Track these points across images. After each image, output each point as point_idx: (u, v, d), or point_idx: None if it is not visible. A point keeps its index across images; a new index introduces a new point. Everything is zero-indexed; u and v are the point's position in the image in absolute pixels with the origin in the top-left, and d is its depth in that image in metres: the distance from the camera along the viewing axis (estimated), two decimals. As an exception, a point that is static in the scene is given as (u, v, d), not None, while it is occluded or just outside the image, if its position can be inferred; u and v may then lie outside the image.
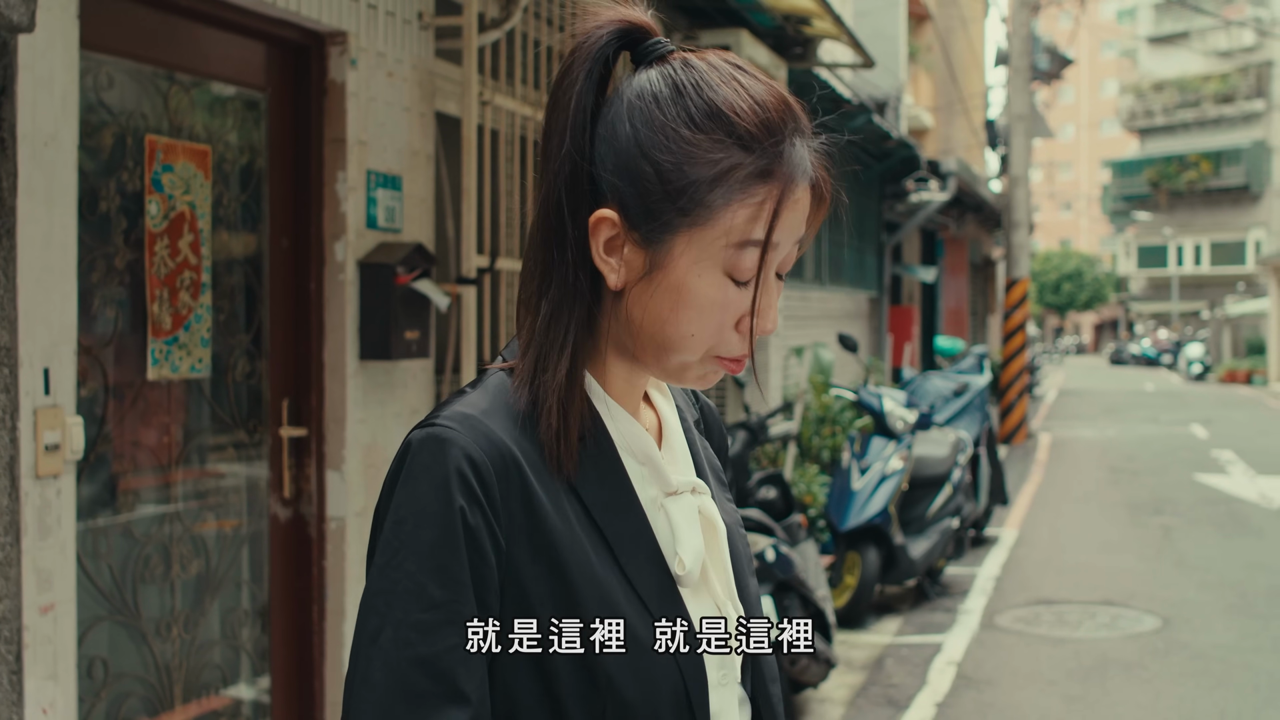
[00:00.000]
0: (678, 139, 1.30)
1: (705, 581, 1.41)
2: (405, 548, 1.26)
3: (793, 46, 9.34)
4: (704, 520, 1.43)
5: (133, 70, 4.08)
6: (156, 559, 4.18)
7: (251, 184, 4.61)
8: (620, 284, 1.34)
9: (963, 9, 28.44)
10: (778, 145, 1.31)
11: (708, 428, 1.62)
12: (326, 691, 4.80)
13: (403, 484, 1.28)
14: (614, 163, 1.32)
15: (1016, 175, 20.52)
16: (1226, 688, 6.94)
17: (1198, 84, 52.98)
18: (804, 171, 1.33)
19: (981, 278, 33.89)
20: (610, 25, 1.35)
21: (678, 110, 1.31)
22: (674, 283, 1.32)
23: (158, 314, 4.10)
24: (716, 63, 1.34)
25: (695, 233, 1.30)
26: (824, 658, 6.05)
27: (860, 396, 9.26)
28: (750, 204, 1.30)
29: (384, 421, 4.95)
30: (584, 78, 1.33)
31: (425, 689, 1.23)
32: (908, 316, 19.51)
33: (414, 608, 1.24)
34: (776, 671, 1.52)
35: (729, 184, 1.29)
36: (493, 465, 1.27)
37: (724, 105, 1.30)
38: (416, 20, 5.13)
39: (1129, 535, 11.80)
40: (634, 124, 1.31)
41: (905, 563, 8.58)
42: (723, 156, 1.29)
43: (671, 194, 1.29)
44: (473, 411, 1.31)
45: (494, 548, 1.27)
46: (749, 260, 1.31)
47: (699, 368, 1.37)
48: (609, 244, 1.33)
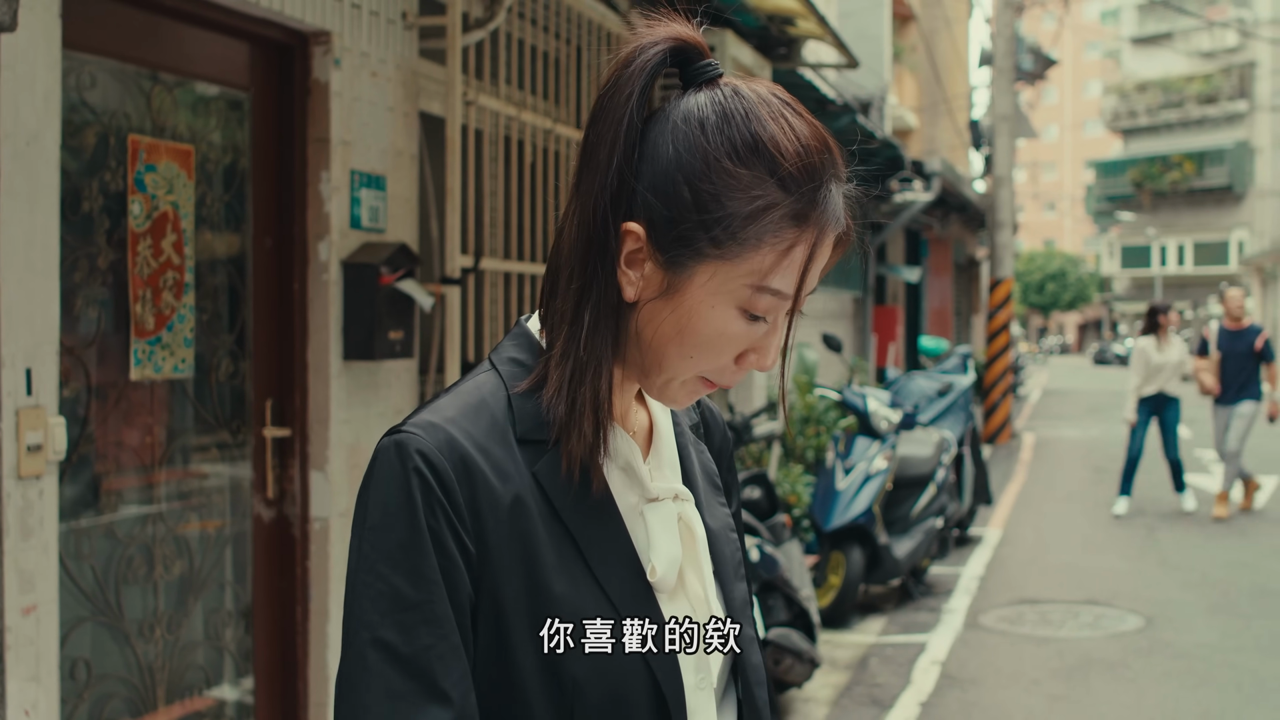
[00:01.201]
0: (719, 169, 1.29)
1: (682, 589, 1.41)
2: (376, 551, 1.27)
3: (777, 47, 9.35)
4: (683, 528, 1.43)
5: (115, 70, 4.06)
6: (139, 560, 4.17)
7: (235, 184, 4.60)
8: (635, 297, 1.34)
9: (947, 10, 28.49)
10: (816, 190, 1.31)
11: (708, 429, 1.62)
12: (310, 692, 4.79)
13: (370, 489, 1.30)
14: (650, 180, 1.31)
15: (1000, 175, 20.56)
16: (1209, 687, 6.96)
17: (1181, 84, 53.16)
18: (836, 221, 1.34)
19: (966, 278, 33.97)
20: (665, 42, 1.34)
21: (722, 139, 1.30)
22: (689, 309, 1.32)
23: (140, 314, 4.09)
24: (767, 96, 1.33)
25: (721, 265, 1.30)
26: (808, 657, 6.05)
27: (844, 396, 9.28)
28: (780, 248, 1.30)
29: (368, 422, 4.94)
30: (638, 93, 1.31)
31: (405, 689, 1.24)
32: (892, 316, 19.56)
33: (390, 609, 1.26)
34: (763, 675, 1.52)
35: (763, 222, 1.29)
36: (453, 469, 1.28)
37: (769, 142, 1.30)
38: (400, 20, 5.12)
39: (1112, 535, 11.83)
40: (676, 146, 1.31)
41: (889, 562, 8.60)
42: (761, 194, 1.29)
43: (706, 223, 1.29)
44: (437, 419, 1.32)
45: (460, 551, 1.28)
46: (766, 302, 1.32)
47: (683, 387, 1.38)
48: (630, 257, 1.33)
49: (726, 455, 1.63)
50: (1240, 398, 12.84)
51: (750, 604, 1.54)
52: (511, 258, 6.03)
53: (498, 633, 1.30)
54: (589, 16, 6.64)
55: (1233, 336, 12.93)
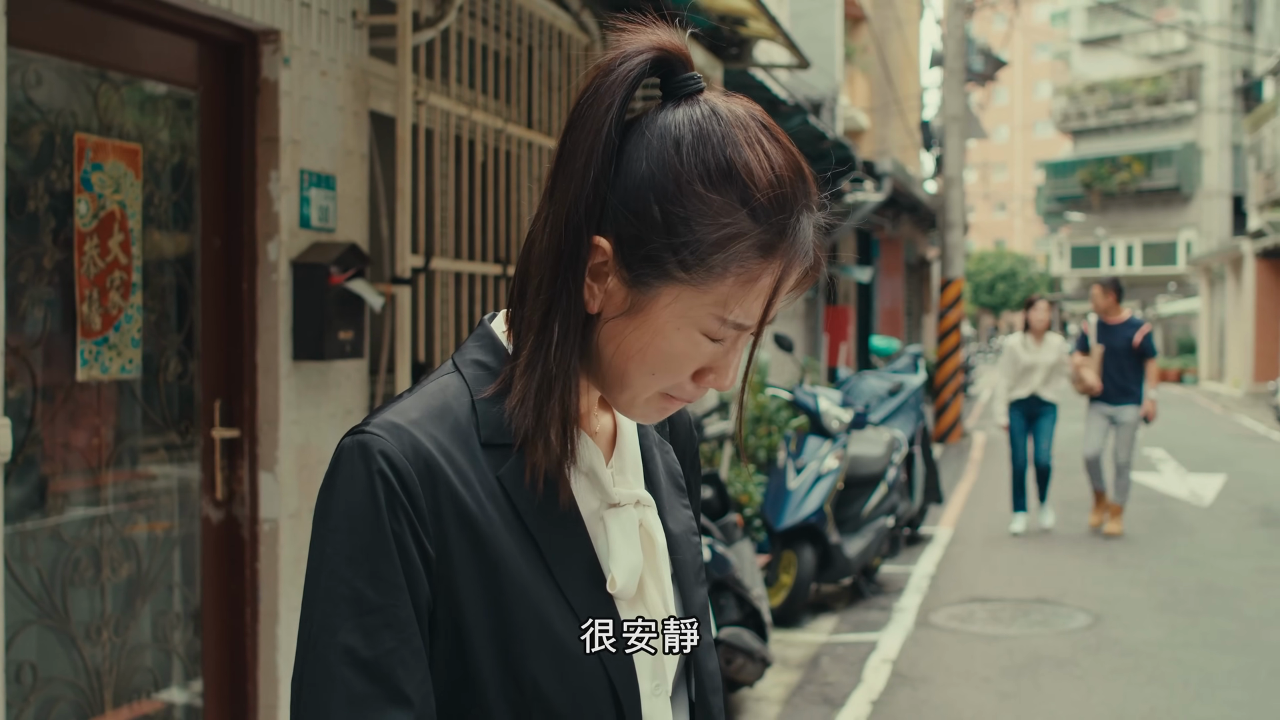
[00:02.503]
0: (691, 192, 1.28)
1: (641, 597, 1.41)
2: (338, 553, 1.26)
3: (729, 47, 9.37)
4: (644, 534, 1.42)
5: (62, 68, 4.03)
6: (86, 562, 4.13)
7: (183, 183, 4.57)
8: (595, 310, 1.33)
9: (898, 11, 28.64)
10: (786, 221, 1.30)
11: (673, 426, 1.61)
12: (259, 695, 4.76)
13: (332, 491, 1.29)
14: (622, 195, 1.30)
15: (951, 176, 20.67)
16: (1157, 683, 7.03)
17: (1129, 86, 53.58)
18: (805, 255, 1.33)
19: (917, 278, 34.15)
20: (649, 51, 1.32)
21: (696, 161, 1.28)
22: (652, 329, 1.32)
23: (87, 314, 4.06)
24: (745, 119, 1.31)
25: (686, 290, 1.29)
26: (760, 656, 6.07)
27: (796, 396, 9.31)
28: (745, 278, 1.29)
29: (318, 422, 4.92)
30: (618, 104, 1.30)
31: (367, 692, 1.24)
32: (843, 316, 19.64)
33: (351, 612, 1.25)
34: (719, 682, 1.52)
35: (731, 251, 1.28)
36: (416, 473, 1.28)
37: (743, 169, 1.28)
38: (350, 19, 5.10)
39: (1062, 533, 11.93)
40: (650, 163, 1.29)
41: (841, 561, 8.63)
42: (730, 222, 1.28)
43: (674, 246, 1.28)
44: (400, 419, 1.31)
45: (421, 554, 1.28)
46: (728, 331, 1.32)
47: (646, 404, 1.38)
48: (595, 270, 1.32)
49: (691, 453, 1.63)
50: (1122, 400, 11.74)
51: (708, 609, 1.54)
52: (462, 258, 6.02)
53: (458, 636, 1.29)
54: (540, 16, 6.63)
55: (1110, 330, 11.82)
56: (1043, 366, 11.87)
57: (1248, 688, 6.94)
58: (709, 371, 1.35)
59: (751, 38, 9.39)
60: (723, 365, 1.35)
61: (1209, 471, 16.63)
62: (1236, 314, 37.06)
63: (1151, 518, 12.80)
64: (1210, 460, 17.97)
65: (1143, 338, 11.66)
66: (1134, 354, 11.68)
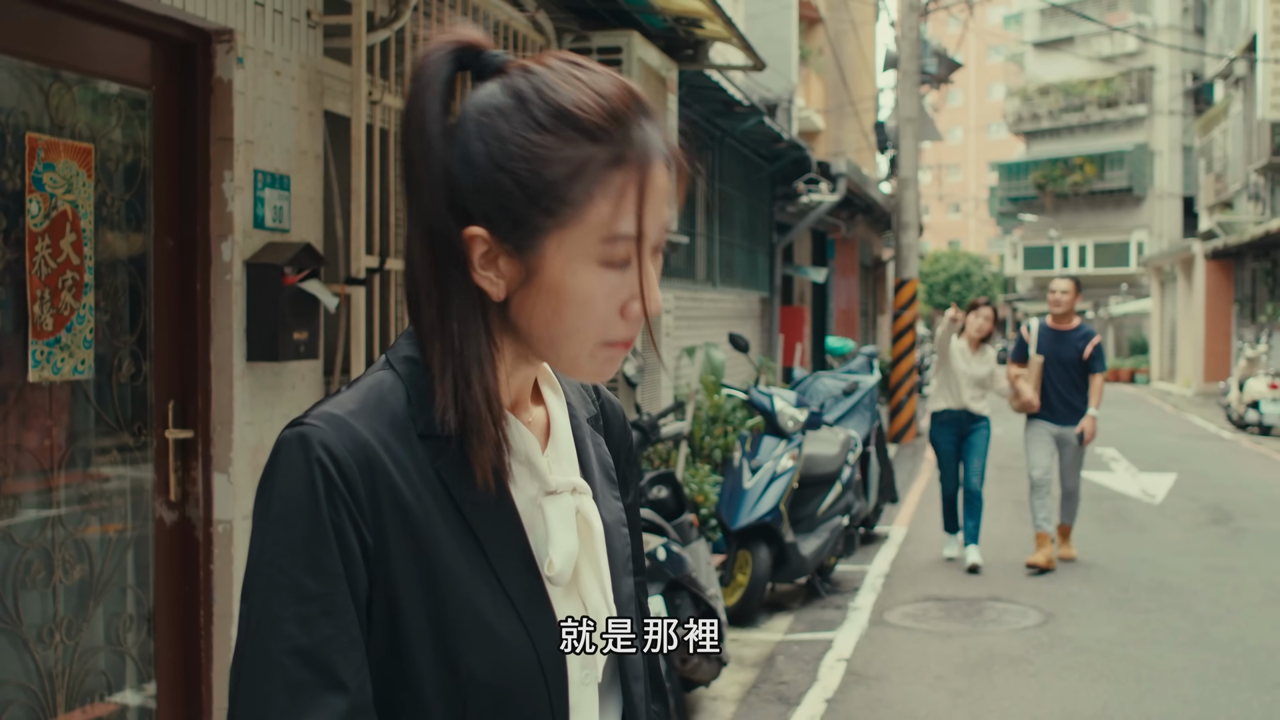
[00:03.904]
0: (528, 144, 1.32)
1: (576, 582, 1.43)
2: (278, 543, 1.28)
3: (684, 48, 9.39)
4: (580, 521, 1.45)
5: (13, 67, 4.00)
6: (38, 564, 4.10)
7: (136, 183, 4.55)
8: (502, 295, 1.36)
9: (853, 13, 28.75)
10: (626, 131, 1.33)
11: (607, 423, 1.63)
12: (214, 696, 4.74)
13: (272, 482, 1.31)
14: (474, 182, 1.33)
15: (905, 177, 20.77)
16: (1108, 680, 7.10)
17: (1082, 88, 53.98)
18: (658, 150, 1.36)
19: (872, 278, 34.29)
20: (445, 47, 1.38)
21: (523, 118, 1.32)
22: (552, 285, 1.34)
23: (39, 315, 4.03)
24: (554, 64, 1.36)
25: (564, 233, 1.33)
26: (715, 656, 6.09)
27: (751, 396, 9.34)
28: (611, 195, 1.32)
29: (272, 423, 4.90)
30: (437, 104, 1.34)
31: (304, 679, 1.25)
32: (799, 317, 19.69)
33: (290, 601, 1.27)
34: (641, 671, 1.54)
35: (586, 178, 1.31)
36: (356, 463, 1.30)
37: (567, 103, 1.32)
38: (305, 19, 5.09)
39: (1015, 532, 12.00)
40: (484, 140, 1.33)
41: (796, 560, 8.67)
42: (574, 153, 1.32)
43: (533, 198, 1.32)
44: (339, 411, 1.33)
45: (360, 543, 1.30)
46: (622, 250, 1.34)
47: (590, 359, 1.39)
48: (484, 259, 1.35)
49: (625, 448, 1.65)
50: (1071, 419, 10.34)
51: (635, 599, 1.56)
52: (418, 258, 6.00)
53: (394, 625, 1.32)
54: (496, 17, 6.63)
55: (1057, 338, 10.43)
56: (972, 379, 10.62)
57: (1199, 684, 7.02)
58: (631, 301, 1.37)
59: (707, 39, 9.41)
60: (638, 290, 1.37)
61: (1160, 470, 16.79)
62: (1187, 314, 37.43)
63: (1103, 516, 12.91)
64: (1161, 459, 18.15)
65: (1093, 349, 10.34)
66: (1082, 366, 10.33)
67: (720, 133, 14.62)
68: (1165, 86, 49.36)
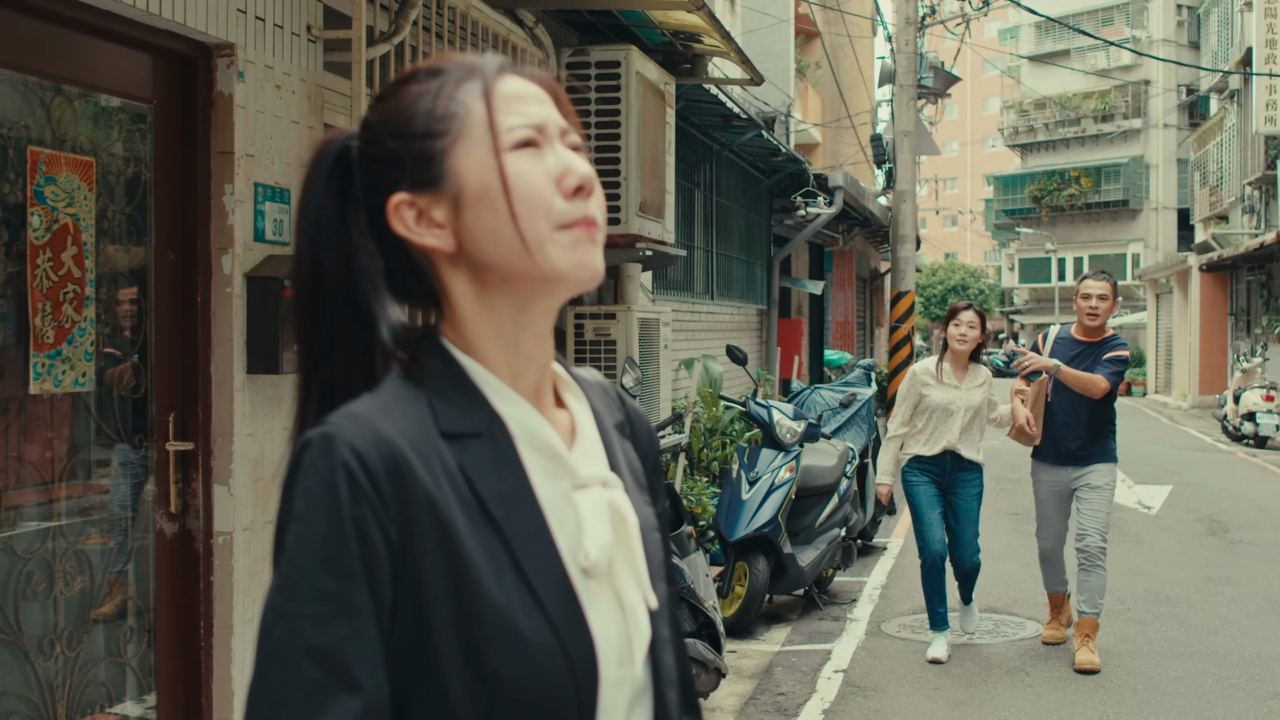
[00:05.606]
0: (394, 108, 1.43)
1: (611, 574, 1.42)
2: (298, 542, 1.29)
3: (682, 62, 9.42)
4: (614, 513, 1.44)
5: (15, 81, 4.02)
6: (39, 575, 4.12)
7: (137, 196, 4.57)
8: (453, 242, 1.41)
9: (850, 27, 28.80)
10: (466, 61, 1.45)
11: (634, 432, 1.63)
12: (214, 708, 4.75)
13: (294, 481, 1.31)
14: (374, 179, 1.43)
15: (903, 190, 20.78)
16: (1105, 691, 7.11)
17: (1077, 102, 54.13)
18: (500, 66, 1.45)
19: (869, 291, 34.33)
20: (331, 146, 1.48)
21: (383, 104, 1.45)
22: (479, 191, 1.39)
23: (40, 327, 4.05)
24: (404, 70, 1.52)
25: (462, 143, 1.40)
26: (714, 667, 6.10)
27: (749, 408, 9.35)
28: (476, 95, 1.41)
29: (272, 435, 4.92)
30: (322, 183, 1.46)
31: (320, 679, 1.26)
32: (796, 329, 19.72)
33: (307, 600, 1.27)
34: (674, 677, 1.53)
35: (455, 96, 1.41)
36: (381, 460, 1.30)
37: (411, 70, 1.46)
38: (305, 33, 5.12)
39: (1012, 543, 12.01)
40: (367, 146, 1.44)
41: (794, 572, 8.67)
42: (436, 84, 1.42)
43: (421, 134, 1.41)
44: (363, 411, 1.34)
45: (384, 540, 1.30)
46: (519, 134, 1.40)
47: (561, 249, 1.39)
48: (418, 220, 1.41)
49: (652, 457, 1.65)
50: (1090, 457, 7.67)
51: (669, 605, 1.55)
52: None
53: (418, 623, 1.31)
54: (495, 31, 6.66)
55: (1083, 352, 7.72)
56: (964, 410, 7.85)
57: (1195, 695, 7.03)
58: (563, 177, 1.40)
59: (705, 53, 9.45)
60: (566, 164, 1.41)
61: (1156, 482, 16.81)
62: (1183, 326, 37.47)
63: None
64: (1157, 471, 18.17)
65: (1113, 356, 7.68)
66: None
67: (718, 146, 14.66)
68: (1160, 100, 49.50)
